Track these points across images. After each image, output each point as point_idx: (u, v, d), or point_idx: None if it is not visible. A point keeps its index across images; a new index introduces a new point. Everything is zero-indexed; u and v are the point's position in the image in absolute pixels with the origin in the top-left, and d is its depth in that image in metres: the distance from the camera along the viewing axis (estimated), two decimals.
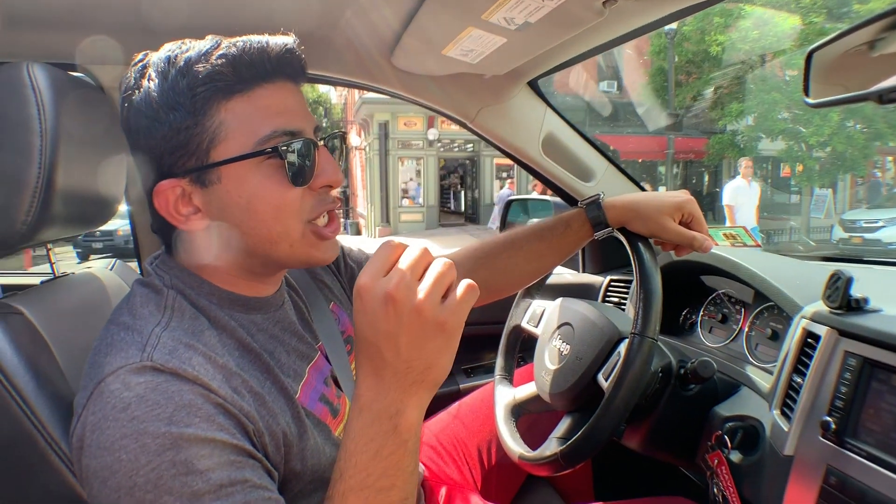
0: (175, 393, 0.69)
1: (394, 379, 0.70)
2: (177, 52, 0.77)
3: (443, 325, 0.69)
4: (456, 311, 0.70)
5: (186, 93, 0.75)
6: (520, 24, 1.11)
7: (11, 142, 0.87)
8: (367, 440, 0.71)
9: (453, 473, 1.46)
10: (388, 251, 0.71)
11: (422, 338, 0.69)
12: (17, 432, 0.84)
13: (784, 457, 1.00)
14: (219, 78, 0.75)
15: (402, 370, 0.70)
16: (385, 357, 0.70)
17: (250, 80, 0.77)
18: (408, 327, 0.68)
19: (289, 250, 0.83)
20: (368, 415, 0.71)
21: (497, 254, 1.31)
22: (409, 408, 0.72)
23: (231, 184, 0.79)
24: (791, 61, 16.36)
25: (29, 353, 0.89)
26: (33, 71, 0.90)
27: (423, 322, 0.68)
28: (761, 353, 1.32)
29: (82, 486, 0.71)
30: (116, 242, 13.77)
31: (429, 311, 0.68)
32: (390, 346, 0.69)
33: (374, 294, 0.68)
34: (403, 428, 0.71)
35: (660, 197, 1.18)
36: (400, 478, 0.72)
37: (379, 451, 0.71)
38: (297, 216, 0.82)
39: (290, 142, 0.78)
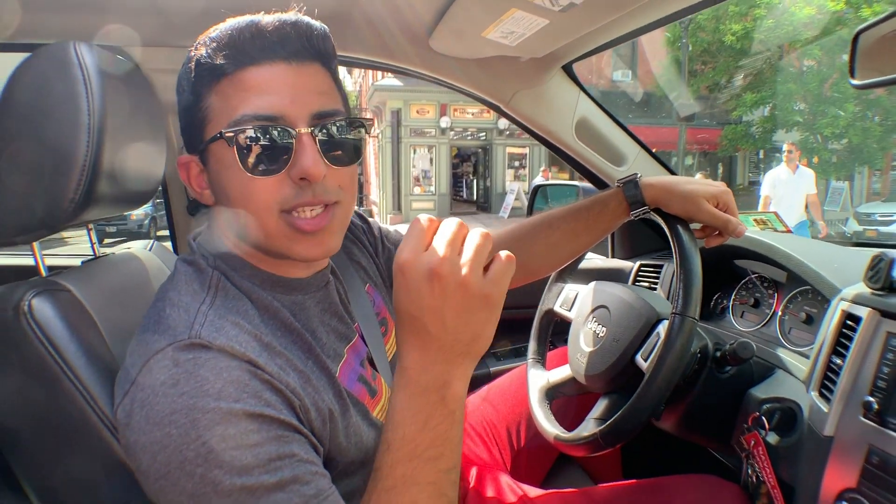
0: (223, 369, 0.71)
1: (440, 352, 0.71)
2: (203, 36, 0.80)
3: (487, 297, 0.69)
4: (498, 282, 0.70)
5: (188, 75, 0.79)
6: (564, 5, 1.11)
7: (60, 120, 0.88)
8: (415, 411, 0.71)
9: (483, 454, 1.48)
10: (423, 226, 0.71)
11: (467, 310, 0.69)
12: (69, 404, 0.85)
13: (824, 437, 1.01)
14: (208, 61, 0.77)
15: (449, 343, 0.70)
16: (430, 331, 0.70)
17: (236, 61, 0.77)
18: (453, 301, 0.68)
19: (264, 239, 0.82)
20: (416, 387, 0.71)
21: (534, 234, 1.31)
22: (455, 379, 0.72)
23: (214, 165, 0.81)
24: (807, 51, 16.18)
25: (78, 328, 0.90)
26: (80, 50, 0.91)
27: (468, 295, 0.68)
28: (795, 336, 1.32)
29: (129, 460, 0.73)
30: (130, 227, 13.85)
31: (474, 284, 0.68)
32: (436, 321, 0.69)
33: (418, 270, 0.68)
34: (450, 398, 0.72)
35: (697, 181, 1.19)
36: (447, 447, 0.72)
37: (427, 421, 0.71)
38: (267, 205, 0.79)
39: (252, 126, 0.76)
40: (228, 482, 0.67)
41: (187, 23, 1.41)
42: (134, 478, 0.74)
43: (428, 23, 1.42)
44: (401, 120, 20.32)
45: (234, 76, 0.77)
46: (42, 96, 0.89)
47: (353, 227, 1.18)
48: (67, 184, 0.88)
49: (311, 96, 0.80)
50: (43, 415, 0.88)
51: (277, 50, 0.78)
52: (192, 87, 0.79)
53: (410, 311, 0.70)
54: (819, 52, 15.98)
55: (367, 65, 1.65)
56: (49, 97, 0.89)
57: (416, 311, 0.69)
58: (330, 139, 0.81)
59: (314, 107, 0.80)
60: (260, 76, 0.77)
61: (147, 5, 1.36)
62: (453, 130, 21.39)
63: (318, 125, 0.80)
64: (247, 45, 0.77)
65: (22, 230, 0.93)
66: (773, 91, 17.11)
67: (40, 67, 0.91)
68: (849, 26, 14.75)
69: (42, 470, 0.91)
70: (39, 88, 0.90)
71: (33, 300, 0.87)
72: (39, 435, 0.89)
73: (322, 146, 0.80)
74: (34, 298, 0.87)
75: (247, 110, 0.77)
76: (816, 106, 16.36)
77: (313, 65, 0.82)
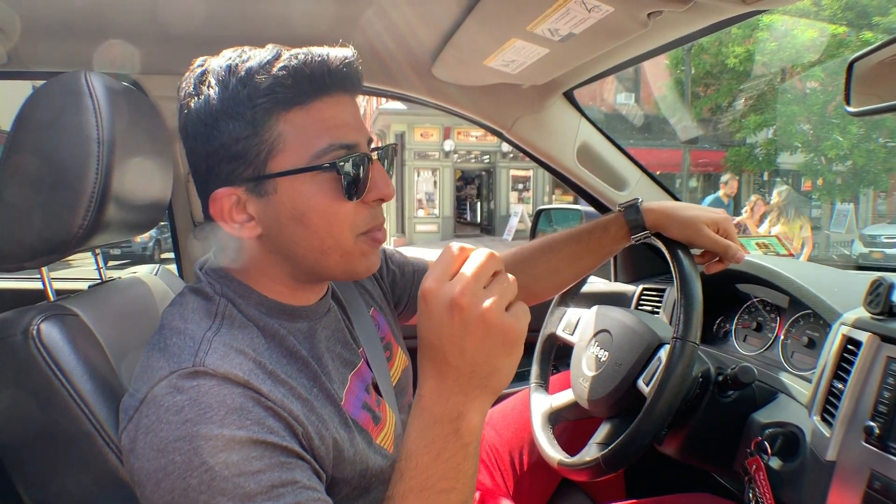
0: (227, 396, 0.71)
1: (457, 382, 0.70)
2: (237, 62, 0.77)
3: (508, 332, 0.69)
4: (520, 319, 0.70)
5: (247, 103, 0.75)
6: (564, 36, 1.14)
7: (70, 147, 0.90)
8: (429, 441, 0.71)
9: (485, 479, 1.48)
10: (453, 255, 0.71)
11: (487, 343, 0.68)
12: (75, 427, 0.86)
13: (826, 462, 1.01)
14: (279, 90, 0.75)
15: (467, 374, 0.70)
16: (449, 361, 0.69)
17: (310, 92, 0.77)
18: (473, 333, 0.68)
19: (338, 261, 0.83)
20: (430, 416, 0.71)
21: (536, 257, 1.32)
22: (471, 411, 0.71)
23: (287, 195, 0.79)
24: (811, 74, 16.26)
25: (85, 352, 0.91)
26: (90, 79, 0.93)
27: (488, 328, 0.67)
28: (798, 360, 1.32)
29: (134, 485, 0.73)
30: (134, 249, 13.88)
31: (494, 318, 0.67)
32: (455, 351, 0.69)
33: (440, 299, 0.68)
34: (465, 431, 0.71)
35: (697, 207, 1.20)
36: (460, 481, 0.72)
37: (440, 453, 0.71)
38: (349, 229, 0.82)
39: (345, 156, 0.78)
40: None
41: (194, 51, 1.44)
42: (137, 501, 0.75)
43: (431, 51, 1.44)
44: (404, 143, 20.44)
45: (311, 106, 0.78)
46: (54, 124, 0.91)
47: None
48: (77, 210, 0.89)
49: (364, 125, 0.84)
50: (49, 437, 0.88)
51: (345, 83, 0.81)
52: (251, 117, 0.76)
53: (431, 338, 0.70)
54: (822, 74, 16.05)
55: (371, 91, 1.68)
56: (60, 125, 0.91)
57: (436, 340, 0.70)
58: (384, 162, 0.88)
59: (368, 135, 0.84)
60: (334, 106, 0.80)
61: (155, 34, 1.39)
62: (457, 153, 21.49)
63: (376, 151, 0.85)
64: (319, 78, 0.77)
65: (32, 255, 0.94)
66: (777, 113, 17.15)
67: (52, 96, 0.93)
68: (851, 49, 14.83)
69: (47, 491, 0.92)
70: (51, 117, 0.92)
71: (42, 324, 0.88)
72: (45, 457, 0.90)
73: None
74: (43, 323, 0.88)
75: (332, 139, 0.78)
76: (820, 128, 16.39)
77: (356, 96, 0.86)
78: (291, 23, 1.34)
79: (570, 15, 1.05)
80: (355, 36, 1.42)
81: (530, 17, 1.09)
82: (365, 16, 1.33)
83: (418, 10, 1.29)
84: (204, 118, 0.77)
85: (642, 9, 1.02)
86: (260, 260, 0.85)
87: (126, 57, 1.44)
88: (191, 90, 0.79)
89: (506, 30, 1.17)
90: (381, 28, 1.38)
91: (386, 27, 1.38)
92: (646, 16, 1.03)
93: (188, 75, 0.81)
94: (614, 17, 1.04)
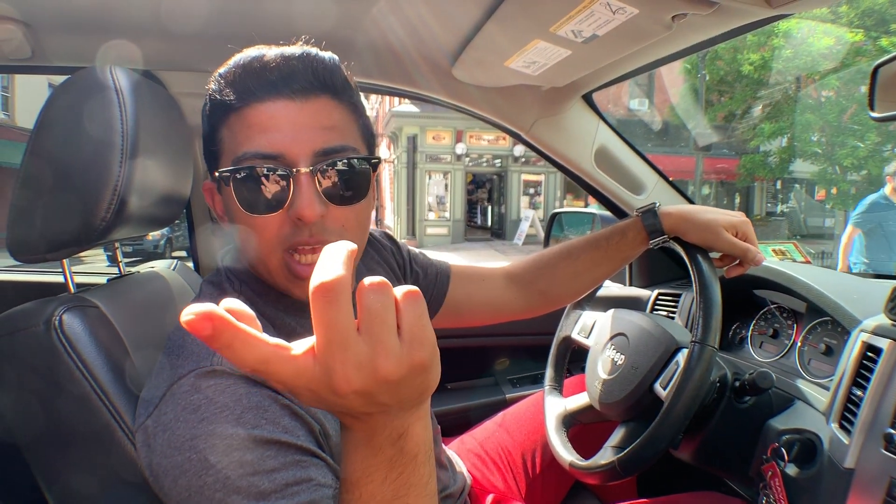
0: (243, 395, 0.72)
1: (386, 416, 0.57)
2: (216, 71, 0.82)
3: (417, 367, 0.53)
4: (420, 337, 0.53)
5: (205, 108, 0.82)
6: (587, 37, 1.14)
7: (94, 140, 0.91)
8: (372, 470, 0.60)
9: (498, 482, 1.48)
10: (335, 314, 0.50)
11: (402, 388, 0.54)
12: (94, 417, 0.87)
13: (844, 470, 1.00)
14: (216, 98, 0.79)
15: (392, 411, 0.57)
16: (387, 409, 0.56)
17: (242, 98, 0.78)
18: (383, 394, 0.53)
19: (268, 276, 0.83)
20: (368, 447, 0.60)
21: (555, 264, 1.33)
22: (412, 426, 0.60)
23: (226, 198, 0.82)
24: (826, 82, 16.15)
25: (105, 343, 0.92)
26: (116, 74, 0.94)
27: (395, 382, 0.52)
28: (815, 368, 1.31)
29: (151, 481, 0.74)
30: (146, 247, 14.03)
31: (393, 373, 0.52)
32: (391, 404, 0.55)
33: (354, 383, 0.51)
34: (409, 447, 0.61)
35: (716, 210, 1.19)
36: (412, 492, 0.63)
37: (386, 476, 0.61)
38: (269, 243, 0.80)
39: (253, 166, 0.77)
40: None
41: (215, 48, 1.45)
42: (155, 494, 0.75)
43: (452, 52, 1.45)
44: (417, 146, 20.49)
45: (241, 112, 0.78)
46: (78, 117, 0.92)
47: (382, 249, 1.20)
48: (100, 203, 0.90)
49: (315, 133, 0.78)
50: (68, 426, 0.90)
51: (280, 86, 0.77)
52: (208, 120, 0.82)
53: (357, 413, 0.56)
54: (837, 82, 15.95)
55: (388, 91, 1.69)
56: (85, 118, 0.92)
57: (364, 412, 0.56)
58: (333, 177, 0.79)
59: (317, 144, 0.78)
60: (263, 113, 0.77)
61: (177, 30, 1.40)
62: (469, 157, 21.53)
63: (322, 163, 0.78)
64: (251, 82, 0.77)
65: (54, 247, 0.95)
66: (792, 121, 17.06)
67: (78, 89, 0.94)
68: (868, 57, 14.74)
69: (65, 481, 0.93)
70: (76, 110, 0.93)
71: (64, 315, 0.89)
72: (64, 446, 0.91)
73: (323, 185, 0.79)
74: (65, 314, 0.90)
75: (249, 148, 0.77)
76: (835, 137, 16.27)
77: (320, 99, 0.80)
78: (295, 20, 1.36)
79: (594, 16, 1.05)
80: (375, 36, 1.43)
81: (554, 18, 1.09)
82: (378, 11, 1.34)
83: (437, 10, 1.29)
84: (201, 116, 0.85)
85: (667, 11, 1.02)
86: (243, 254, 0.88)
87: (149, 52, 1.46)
88: None
89: (528, 31, 1.18)
90: (398, 26, 1.39)
91: (403, 26, 1.38)
92: (670, 18, 1.03)
93: None
94: (638, 19, 1.04)
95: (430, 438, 0.64)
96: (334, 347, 0.49)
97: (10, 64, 1.48)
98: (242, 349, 0.47)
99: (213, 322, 0.45)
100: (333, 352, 0.49)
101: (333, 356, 0.49)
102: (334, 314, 0.49)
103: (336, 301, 0.48)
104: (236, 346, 0.47)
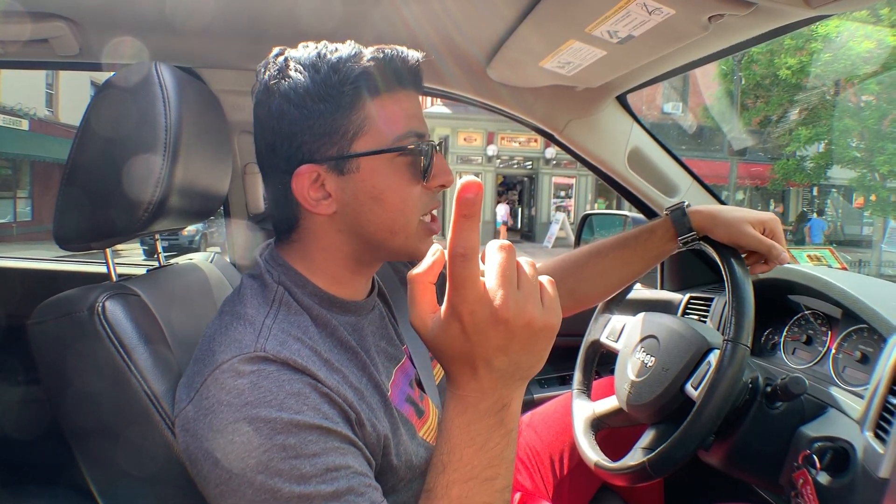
0: (286, 382, 0.74)
1: (500, 380, 0.70)
2: (325, 52, 0.84)
3: (551, 328, 0.69)
4: (556, 309, 0.70)
5: (338, 86, 0.82)
6: (622, 38, 1.14)
7: (139, 135, 0.93)
8: (474, 434, 0.71)
9: (525, 481, 1.48)
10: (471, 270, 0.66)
11: (532, 344, 0.68)
12: (134, 403, 0.89)
13: (878, 479, 0.98)
14: (369, 77, 0.82)
15: (510, 372, 0.70)
16: (493, 365, 0.68)
17: (394, 83, 0.85)
18: (519, 340, 0.67)
19: (403, 241, 0.88)
20: (474, 412, 0.71)
21: (583, 262, 1.33)
22: (514, 400, 0.72)
23: (367, 174, 0.84)
24: (866, 87, 15.79)
25: (145, 330, 0.94)
26: (160, 70, 0.97)
27: (533, 331, 0.67)
28: (849, 376, 1.29)
29: (189, 465, 0.76)
30: (181, 242, 14.27)
31: (538, 322, 0.67)
32: (501, 357, 0.68)
33: (479, 315, 0.65)
34: (508, 419, 0.72)
35: (745, 209, 1.19)
36: (503, 467, 0.73)
37: (485, 444, 0.71)
38: (416, 210, 0.87)
39: (419, 142, 0.85)
40: (287, 490, 0.69)
41: (255, 48, 1.48)
42: (187, 477, 0.77)
43: (486, 52, 1.45)
44: (448, 147, 20.50)
45: (394, 95, 0.85)
46: (124, 112, 0.95)
47: None
48: (143, 195, 0.92)
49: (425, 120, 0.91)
50: (109, 411, 0.92)
51: (416, 79, 0.88)
52: (340, 99, 0.82)
53: (472, 352, 0.68)
54: (878, 87, 15.59)
55: (423, 91, 1.69)
56: (131, 113, 0.95)
57: (480, 351, 0.68)
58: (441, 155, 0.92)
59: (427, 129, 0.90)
60: (409, 99, 0.87)
61: (217, 29, 1.43)
62: (500, 159, 21.51)
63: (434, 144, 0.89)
64: (405, 71, 0.86)
65: (98, 236, 0.98)
66: (829, 126, 16.71)
67: (124, 85, 0.97)
68: None
69: (105, 466, 0.95)
70: (122, 104, 0.96)
71: (106, 302, 0.92)
72: (104, 430, 0.93)
73: None
74: (107, 301, 0.92)
75: (409, 127, 0.85)
76: (874, 142, 15.89)
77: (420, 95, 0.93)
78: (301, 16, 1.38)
79: (630, 17, 1.05)
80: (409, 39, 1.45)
81: (590, 18, 1.09)
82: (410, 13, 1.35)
83: (472, 12, 1.30)
84: (293, 98, 0.82)
85: (703, 12, 1.02)
86: (326, 241, 0.89)
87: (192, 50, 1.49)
88: (275, 73, 0.84)
89: (564, 31, 1.18)
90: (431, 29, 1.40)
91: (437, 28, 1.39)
92: (707, 19, 1.03)
93: (269, 61, 0.86)
94: (675, 19, 1.04)
95: (518, 420, 0.74)
96: (505, 282, 0.65)
97: (58, 60, 1.53)
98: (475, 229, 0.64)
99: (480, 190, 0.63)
100: (504, 284, 0.65)
101: (504, 286, 0.65)
102: (507, 262, 0.66)
103: (511, 253, 0.67)
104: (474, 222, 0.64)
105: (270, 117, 0.84)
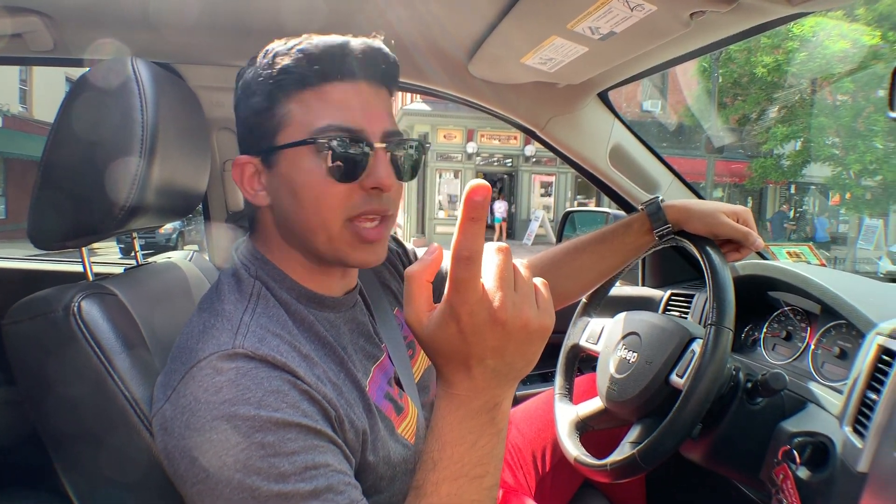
0: (264, 379, 0.73)
1: (494, 380, 0.70)
2: (274, 46, 0.84)
3: (545, 329, 0.68)
4: (550, 311, 0.69)
5: (266, 80, 0.83)
6: (604, 34, 1.14)
7: (115, 131, 0.92)
8: (465, 432, 0.71)
9: (508, 478, 1.48)
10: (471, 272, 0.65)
11: (527, 345, 0.68)
12: (111, 403, 0.88)
13: (857, 474, 0.99)
14: (293, 71, 0.82)
15: (503, 372, 0.69)
16: (487, 364, 0.68)
17: (322, 76, 0.82)
18: (514, 341, 0.66)
19: (326, 244, 0.85)
20: (466, 410, 0.71)
21: (561, 259, 1.35)
22: (505, 399, 0.72)
23: (286, 168, 0.84)
24: (841, 85, 16.02)
25: (122, 330, 0.93)
26: (137, 66, 0.95)
27: (529, 331, 0.66)
28: (828, 371, 1.30)
29: (166, 464, 0.75)
30: (158, 240, 14.18)
31: (534, 324, 0.66)
32: (495, 357, 0.67)
33: (478, 315, 0.64)
34: (499, 418, 0.72)
35: (717, 202, 1.22)
36: (492, 465, 0.73)
37: (476, 442, 0.71)
38: (336, 211, 0.84)
39: (337, 136, 0.82)
40: (266, 488, 0.68)
41: (234, 43, 1.46)
42: (168, 480, 0.76)
43: (468, 49, 1.45)
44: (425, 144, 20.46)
45: (320, 88, 0.83)
46: (100, 108, 0.93)
47: (388, 252, 1.20)
48: (119, 193, 0.91)
49: (384, 116, 0.87)
50: (86, 412, 0.90)
51: (361, 71, 0.84)
52: (268, 93, 0.83)
53: (468, 352, 0.67)
54: (853, 86, 15.82)
55: (403, 87, 1.68)
56: (106, 109, 0.93)
57: (475, 352, 0.67)
58: (401, 156, 0.89)
59: (386, 125, 0.86)
60: (344, 92, 0.83)
61: (197, 25, 1.41)
62: (479, 156, 21.50)
63: (389, 142, 0.86)
64: (336, 63, 0.82)
65: (73, 235, 0.96)
66: (806, 124, 16.94)
67: (99, 82, 0.95)
68: (885, 60, 14.60)
69: (84, 472, 0.94)
70: (98, 101, 0.94)
71: (82, 302, 0.90)
72: (82, 435, 0.92)
73: (392, 161, 0.87)
74: (83, 300, 0.91)
75: (331, 121, 0.82)
76: (849, 140, 16.14)
77: (384, 89, 0.89)
78: None
79: (612, 13, 1.05)
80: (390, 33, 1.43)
81: (571, 14, 1.09)
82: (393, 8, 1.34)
83: (453, 7, 1.29)
84: (241, 91, 0.87)
85: (685, 8, 1.02)
86: (274, 234, 0.89)
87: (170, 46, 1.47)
88: (246, 67, 0.88)
89: (545, 27, 1.17)
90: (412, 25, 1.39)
91: (419, 24, 1.39)
92: (688, 16, 1.03)
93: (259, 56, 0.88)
94: (656, 16, 1.04)
95: (508, 419, 0.75)
96: (503, 284, 0.65)
97: (32, 56, 1.50)
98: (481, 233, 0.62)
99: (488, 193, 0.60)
100: (502, 286, 0.64)
101: (502, 288, 0.64)
102: (505, 265, 0.65)
103: (508, 255, 0.66)
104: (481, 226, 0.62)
105: (235, 108, 0.89)
